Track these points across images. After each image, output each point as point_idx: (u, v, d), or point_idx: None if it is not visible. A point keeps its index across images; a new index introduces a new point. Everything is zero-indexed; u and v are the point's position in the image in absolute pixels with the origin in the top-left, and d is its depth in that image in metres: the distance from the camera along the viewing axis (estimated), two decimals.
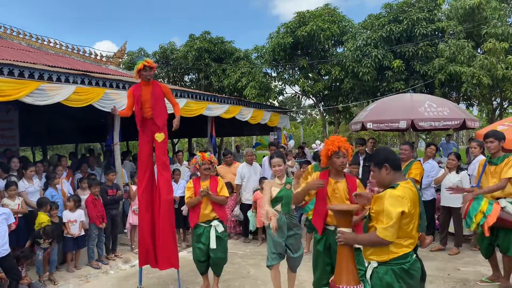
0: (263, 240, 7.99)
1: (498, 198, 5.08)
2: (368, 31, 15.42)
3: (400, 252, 2.94)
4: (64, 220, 6.43)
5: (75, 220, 6.49)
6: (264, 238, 8.09)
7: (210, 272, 5.44)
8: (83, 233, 6.58)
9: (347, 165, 7.44)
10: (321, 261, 4.11)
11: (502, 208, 4.98)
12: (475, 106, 15.74)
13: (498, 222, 4.87)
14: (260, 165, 8.89)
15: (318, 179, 4.00)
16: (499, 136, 5.27)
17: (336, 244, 3.55)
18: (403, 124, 8.04)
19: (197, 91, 11.41)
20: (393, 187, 2.96)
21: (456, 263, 6.39)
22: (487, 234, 4.95)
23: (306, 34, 15.97)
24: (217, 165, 8.52)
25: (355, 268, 3.16)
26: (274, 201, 4.71)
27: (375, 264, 3.00)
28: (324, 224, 4.02)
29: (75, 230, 6.47)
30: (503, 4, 13.75)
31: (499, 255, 5.38)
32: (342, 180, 4.01)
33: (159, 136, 5.25)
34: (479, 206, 5.00)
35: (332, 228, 3.97)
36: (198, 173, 5.56)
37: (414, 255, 3.01)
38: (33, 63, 7.70)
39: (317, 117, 37.89)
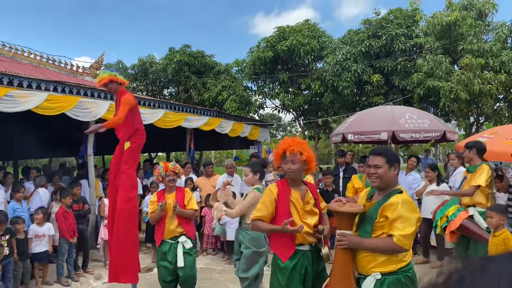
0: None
1: (469, 206, 5.19)
2: (348, 46, 15.54)
3: (408, 259, 2.80)
4: (30, 235, 6.00)
5: (43, 235, 6.12)
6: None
7: None
8: (45, 248, 6.13)
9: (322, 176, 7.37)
10: None
11: (470, 216, 5.04)
12: (452, 121, 15.93)
13: (461, 229, 4.92)
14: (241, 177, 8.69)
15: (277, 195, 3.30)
16: (468, 145, 5.51)
17: (313, 268, 3.30)
18: (384, 136, 7.98)
19: (176, 103, 11.19)
20: (400, 192, 2.80)
21: None
22: (448, 239, 5.11)
23: (286, 48, 15.99)
24: (185, 175, 8.10)
25: (353, 275, 2.89)
26: None
27: (379, 276, 2.77)
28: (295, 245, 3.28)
29: (42, 245, 6.09)
30: (478, 21, 14.07)
31: None
32: (304, 188, 3.40)
33: (126, 144, 4.95)
34: (446, 211, 5.12)
35: (306, 248, 3.31)
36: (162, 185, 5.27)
37: None
38: (3, 71, 7.38)
39: (297, 134, 37.99)
